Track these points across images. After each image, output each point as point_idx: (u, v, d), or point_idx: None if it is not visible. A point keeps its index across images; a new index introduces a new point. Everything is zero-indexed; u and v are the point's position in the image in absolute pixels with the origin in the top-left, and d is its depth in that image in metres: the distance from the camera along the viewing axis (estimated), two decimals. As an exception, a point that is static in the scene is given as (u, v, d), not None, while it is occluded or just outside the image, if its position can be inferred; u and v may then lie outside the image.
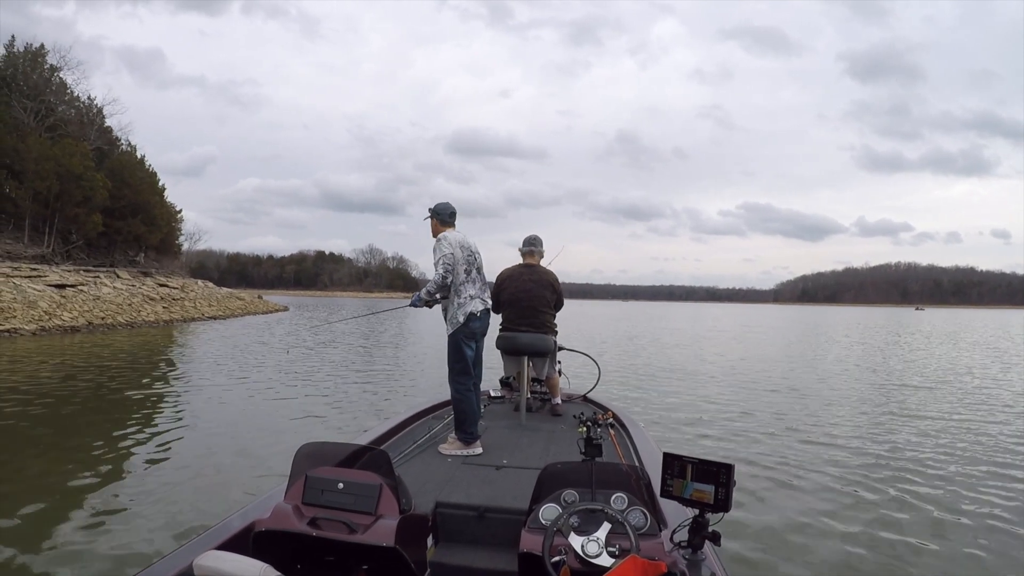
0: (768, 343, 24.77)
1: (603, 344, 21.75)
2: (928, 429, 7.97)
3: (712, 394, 10.62)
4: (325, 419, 8.04)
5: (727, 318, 60.62)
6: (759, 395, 10.60)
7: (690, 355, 18.62)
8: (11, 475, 5.40)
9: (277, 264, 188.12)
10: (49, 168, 29.94)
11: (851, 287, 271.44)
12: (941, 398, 10.60)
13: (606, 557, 1.98)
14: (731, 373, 13.91)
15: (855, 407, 9.67)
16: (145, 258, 42.97)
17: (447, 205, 4.16)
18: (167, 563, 1.99)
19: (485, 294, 4.11)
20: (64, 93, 37.88)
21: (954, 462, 6.30)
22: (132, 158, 41.42)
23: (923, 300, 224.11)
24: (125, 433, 6.99)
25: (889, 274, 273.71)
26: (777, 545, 4.13)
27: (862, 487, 5.44)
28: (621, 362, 15.78)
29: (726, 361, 16.79)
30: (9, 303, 20.92)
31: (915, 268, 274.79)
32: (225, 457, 6.05)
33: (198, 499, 4.79)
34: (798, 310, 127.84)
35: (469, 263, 4.01)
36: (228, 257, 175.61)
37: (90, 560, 3.67)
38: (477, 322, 4.00)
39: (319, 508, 2.15)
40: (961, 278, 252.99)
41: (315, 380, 11.44)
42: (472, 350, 4.03)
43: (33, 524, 4.22)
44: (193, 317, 31.28)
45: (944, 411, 9.32)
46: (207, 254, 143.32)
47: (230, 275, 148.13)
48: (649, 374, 13.42)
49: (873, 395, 10.94)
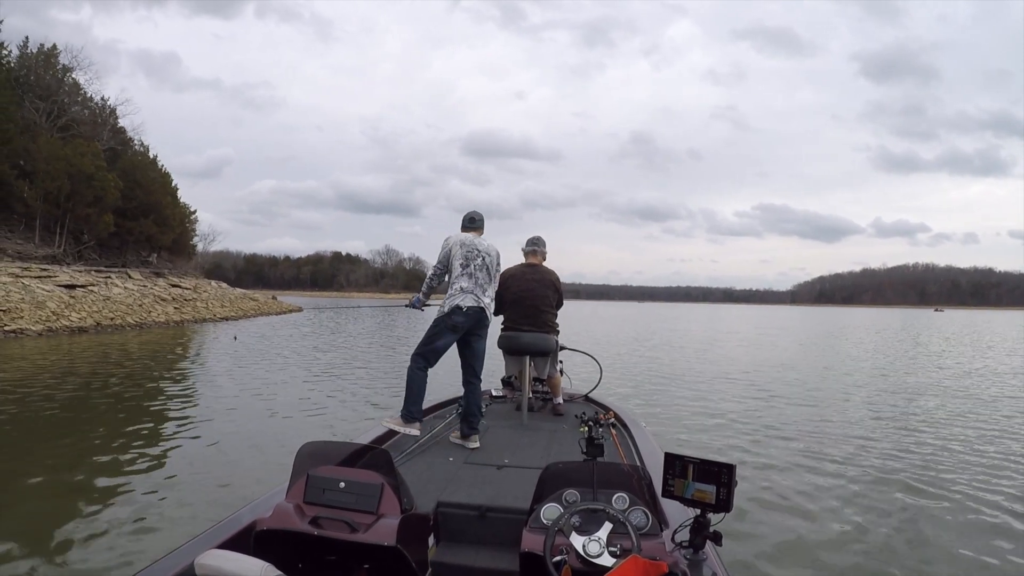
0: (783, 347, 23.96)
1: (607, 345, 21.08)
2: (944, 437, 7.63)
3: (716, 395, 10.45)
4: (326, 419, 7.97)
5: (743, 320, 59.60)
6: (764, 396, 10.43)
7: (698, 358, 17.96)
8: (11, 476, 5.34)
9: (294, 265, 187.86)
10: (60, 168, 29.72)
11: (869, 288, 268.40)
12: (959, 405, 9.89)
13: (607, 557, 1.96)
14: (739, 376, 13.56)
15: (861, 408, 9.51)
16: (158, 259, 42.90)
17: (469, 213, 4.30)
18: (168, 562, 1.96)
19: (481, 292, 4.06)
20: (77, 93, 37.87)
21: (966, 469, 6.09)
22: (144, 158, 41.29)
23: (941, 301, 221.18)
24: (123, 434, 6.91)
25: (907, 275, 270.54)
26: (778, 545, 4.13)
27: (865, 488, 5.41)
28: (624, 363, 15.32)
29: (735, 364, 16.12)
30: (17, 303, 20.63)
31: (933, 269, 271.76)
32: (225, 458, 6.00)
33: (199, 499, 4.78)
34: (816, 311, 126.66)
35: (468, 258, 4.04)
36: (245, 258, 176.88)
37: (91, 559, 3.68)
38: (460, 316, 3.98)
39: (321, 507, 2.13)
40: (979, 279, 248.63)
41: (316, 380, 11.29)
42: (447, 341, 4.04)
43: (34, 524, 4.23)
44: (205, 318, 30.92)
45: (963, 418, 8.80)
46: (224, 255, 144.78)
47: (247, 276, 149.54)
48: (653, 377, 13.06)
49: (882, 398, 10.60)
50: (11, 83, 30.51)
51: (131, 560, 3.63)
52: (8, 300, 20.59)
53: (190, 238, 52.42)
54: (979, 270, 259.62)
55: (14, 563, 3.60)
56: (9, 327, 18.69)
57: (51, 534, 4.03)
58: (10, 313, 19.69)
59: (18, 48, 35.16)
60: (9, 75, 30.96)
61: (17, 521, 4.29)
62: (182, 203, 48.02)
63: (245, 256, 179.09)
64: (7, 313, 19.60)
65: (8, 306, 20.05)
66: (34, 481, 5.19)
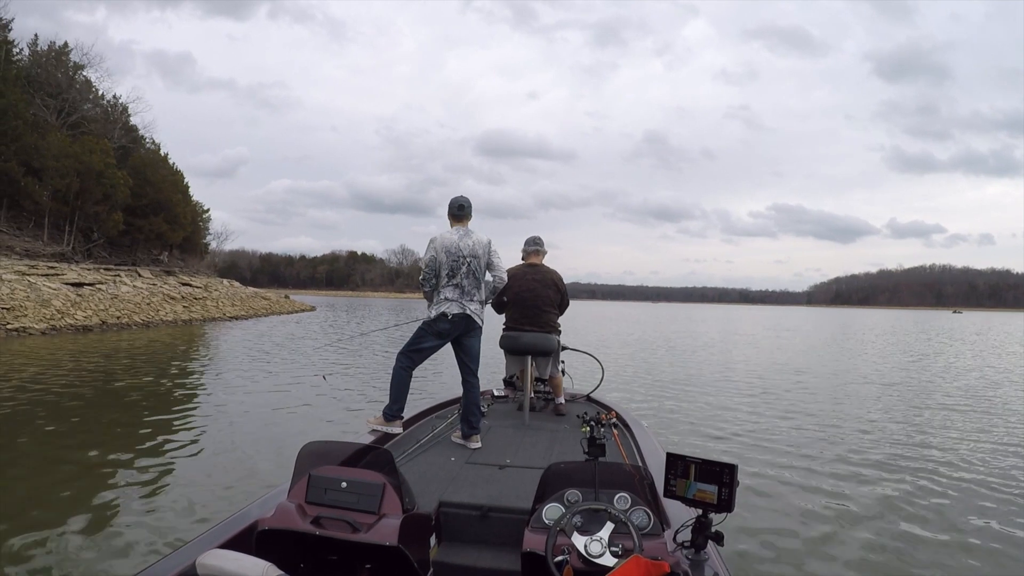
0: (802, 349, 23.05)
1: (608, 346, 20.43)
2: (956, 440, 7.46)
3: (721, 397, 10.36)
4: (326, 418, 7.92)
5: (760, 321, 58.48)
6: (769, 398, 10.32)
7: (710, 361, 17.34)
8: (10, 475, 5.33)
9: (309, 264, 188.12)
10: (69, 165, 29.41)
11: (885, 289, 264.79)
12: (969, 417, 9.22)
13: (609, 557, 1.95)
14: (743, 377, 13.35)
15: (869, 411, 9.34)
16: (169, 257, 42.72)
17: (456, 199, 4.12)
18: (170, 562, 1.95)
19: (468, 299, 4.04)
20: (89, 91, 37.71)
21: (976, 472, 6.00)
22: (155, 155, 41.01)
23: (958, 303, 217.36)
24: (124, 433, 6.91)
25: (924, 276, 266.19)
26: (780, 546, 4.12)
27: (868, 490, 5.37)
28: (626, 365, 14.91)
29: (744, 367, 15.47)
30: (21, 301, 20.27)
31: (950, 270, 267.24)
32: (225, 457, 5.93)
33: (198, 499, 4.73)
34: (832, 313, 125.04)
35: (453, 268, 3.99)
36: (260, 257, 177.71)
37: (92, 560, 3.66)
38: (446, 324, 4.01)
39: (322, 507, 2.13)
40: (997, 280, 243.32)
41: (319, 379, 11.24)
42: (432, 345, 4.09)
43: (34, 524, 4.18)
44: (214, 317, 30.57)
45: (976, 427, 8.37)
46: (240, 254, 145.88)
47: (262, 275, 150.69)
48: (655, 377, 12.65)
49: (892, 402, 10.34)
50: (20, 81, 30.25)
51: (133, 560, 3.62)
52: (13, 298, 20.23)
53: (202, 236, 52.27)
54: (996, 271, 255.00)
55: (15, 563, 3.60)
56: (12, 325, 18.30)
57: (52, 534, 3.99)
58: (14, 311, 19.31)
59: (28, 46, 35.07)
60: (19, 73, 30.72)
61: (18, 521, 4.24)
62: (194, 201, 47.93)
63: (261, 255, 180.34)
64: (11, 311, 19.21)
65: (12, 304, 19.67)
66: (34, 481, 5.13)
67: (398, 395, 3.97)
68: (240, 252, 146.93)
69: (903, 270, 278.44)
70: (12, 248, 26.37)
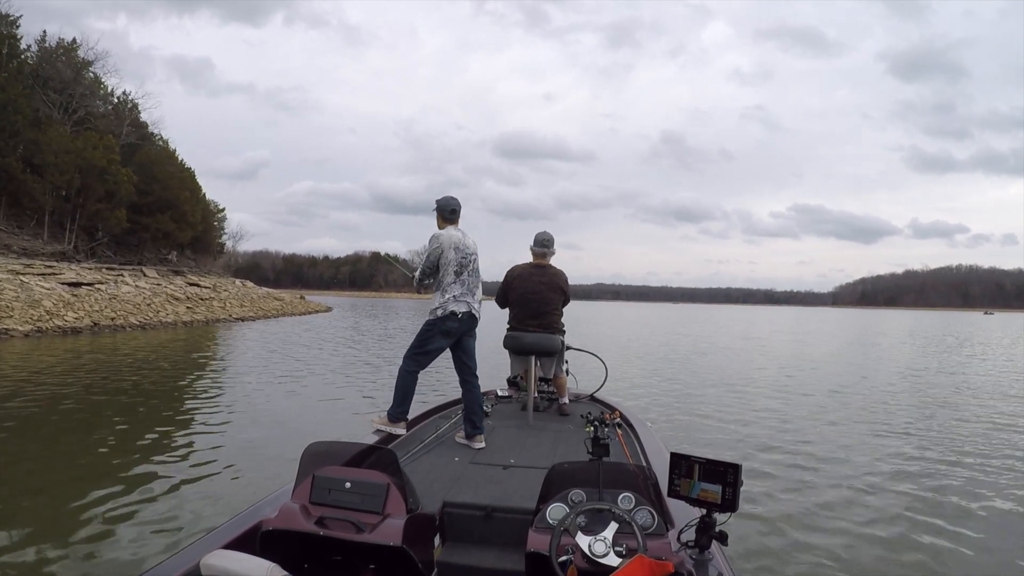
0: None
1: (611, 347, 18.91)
2: (967, 442, 7.27)
3: (727, 398, 10.24)
4: (328, 418, 8.01)
5: (788, 323, 56.08)
6: (774, 399, 10.17)
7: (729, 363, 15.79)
8: (11, 476, 5.26)
9: (332, 265, 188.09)
10: (70, 161, 28.44)
11: (911, 290, 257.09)
12: None
13: (613, 557, 1.94)
14: (749, 377, 13.20)
15: (875, 412, 9.26)
16: (180, 256, 41.76)
17: (449, 201, 4.05)
18: (174, 562, 1.95)
19: (471, 297, 4.02)
20: (97, 87, 36.88)
21: (987, 474, 5.92)
22: (163, 152, 40.03)
23: (985, 303, 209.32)
24: (123, 435, 6.88)
25: (950, 276, 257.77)
26: (784, 546, 4.07)
27: (874, 491, 5.30)
28: (631, 366, 14.63)
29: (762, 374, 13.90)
30: (9, 302, 19.17)
31: (977, 270, 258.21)
32: (226, 458, 5.88)
33: (201, 499, 4.71)
34: (860, 313, 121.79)
35: (461, 265, 3.98)
36: (284, 258, 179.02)
37: (95, 560, 3.64)
38: (455, 323, 3.96)
39: (326, 507, 2.13)
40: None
41: (319, 379, 11.16)
42: (439, 345, 4.01)
43: (37, 525, 4.12)
44: (219, 318, 29.39)
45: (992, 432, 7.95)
46: (263, 255, 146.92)
47: (286, 276, 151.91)
48: (659, 378, 12.62)
49: (895, 403, 10.15)
50: (23, 76, 29.40)
51: (136, 560, 3.59)
52: (0, 298, 19.14)
53: (216, 236, 51.30)
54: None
55: (16, 563, 3.55)
56: (-6, 327, 17.14)
57: (53, 535, 3.95)
58: (-1, 312, 18.18)
59: (36, 43, 34.25)
60: (20, 67, 29.88)
61: (22, 520, 4.22)
62: (208, 200, 46.96)
63: (284, 256, 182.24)
64: (-5, 312, 18.08)
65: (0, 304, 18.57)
66: (33, 481, 5.10)
67: (403, 398, 3.93)
68: (264, 253, 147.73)
69: (929, 270, 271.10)
70: (9, 246, 25.43)
